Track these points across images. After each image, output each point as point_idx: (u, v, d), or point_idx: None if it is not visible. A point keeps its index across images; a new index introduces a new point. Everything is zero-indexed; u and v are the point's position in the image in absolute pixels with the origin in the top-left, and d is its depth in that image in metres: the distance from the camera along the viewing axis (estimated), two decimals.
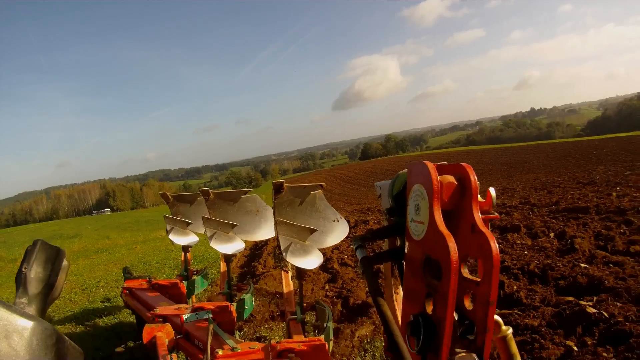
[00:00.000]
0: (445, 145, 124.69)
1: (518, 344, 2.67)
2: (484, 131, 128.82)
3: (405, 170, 1.06)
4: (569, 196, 9.79)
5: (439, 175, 0.93)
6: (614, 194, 8.87)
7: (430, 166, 0.92)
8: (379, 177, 44.44)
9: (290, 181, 2.40)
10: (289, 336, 2.39)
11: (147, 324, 2.49)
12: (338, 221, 2.44)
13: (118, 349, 4.02)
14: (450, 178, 0.93)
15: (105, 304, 6.06)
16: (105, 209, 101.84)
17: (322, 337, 2.12)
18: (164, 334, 2.40)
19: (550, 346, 2.78)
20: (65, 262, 0.94)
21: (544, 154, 35.04)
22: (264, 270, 6.62)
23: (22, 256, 0.90)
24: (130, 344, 4.11)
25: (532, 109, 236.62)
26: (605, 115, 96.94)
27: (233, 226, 2.90)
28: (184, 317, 2.49)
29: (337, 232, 2.43)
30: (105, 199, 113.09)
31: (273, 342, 1.98)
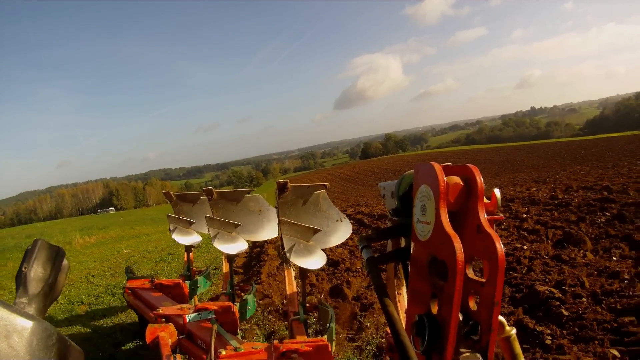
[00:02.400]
0: (445, 144, 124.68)
1: None
2: (484, 130, 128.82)
3: (412, 170, 1.07)
4: (502, 190, 12.34)
5: (446, 176, 0.93)
6: (533, 189, 11.46)
7: (437, 167, 0.92)
8: (377, 176, 44.85)
9: (291, 180, 2.40)
10: (292, 336, 2.39)
11: (150, 324, 2.49)
12: (341, 221, 2.44)
13: (120, 349, 4.03)
14: (457, 179, 0.94)
15: (166, 260, 9.47)
16: (110, 208, 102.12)
17: (324, 337, 2.12)
18: (167, 334, 2.40)
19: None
20: (65, 262, 0.94)
21: (536, 154, 36.25)
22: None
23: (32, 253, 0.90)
24: (133, 343, 4.11)
25: (533, 108, 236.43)
26: (604, 115, 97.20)
27: (236, 226, 2.90)
28: (187, 317, 2.49)
29: (341, 232, 2.42)
30: (109, 198, 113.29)
31: (276, 342, 1.99)
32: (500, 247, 0.85)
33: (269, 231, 3.06)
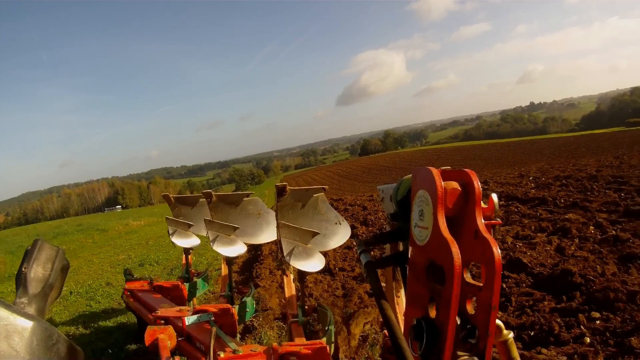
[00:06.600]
0: (444, 140, 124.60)
1: None
2: (482, 126, 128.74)
3: (410, 175, 1.07)
4: None
5: (444, 181, 0.93)
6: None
7: (435, 172, 0.92)
8: (374, 172, 45.35)
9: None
10: (291, 339, 2.39)
11: (149, 326, 2.49)
12: (340, 224, 2.43)
13: (120, 350, 4.02)
14: (454, 184, 0.93)
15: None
16: (117, 206, 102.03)
17: (323, 340, 2.12)
18: (166, 336, 2.40)
19: None
20: (65, 262, 0.94)
21: (522, 151, 37.71)
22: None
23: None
24: (132, 346, 4.10)
25: (532, 104, 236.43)
26: (599, 110, 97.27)
27: (235, 229, 2.89)
28: (186, 319, 2.48)
29: (339, 235, 2.41)
30: (114, 197, 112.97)
31: (275, 344, 1.99)
32: (497, 252, 0.86)
33: (267, 234, 3.05)
